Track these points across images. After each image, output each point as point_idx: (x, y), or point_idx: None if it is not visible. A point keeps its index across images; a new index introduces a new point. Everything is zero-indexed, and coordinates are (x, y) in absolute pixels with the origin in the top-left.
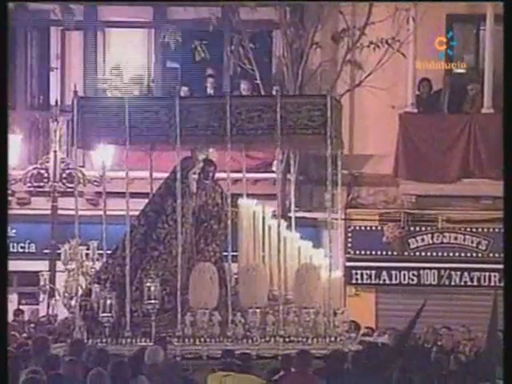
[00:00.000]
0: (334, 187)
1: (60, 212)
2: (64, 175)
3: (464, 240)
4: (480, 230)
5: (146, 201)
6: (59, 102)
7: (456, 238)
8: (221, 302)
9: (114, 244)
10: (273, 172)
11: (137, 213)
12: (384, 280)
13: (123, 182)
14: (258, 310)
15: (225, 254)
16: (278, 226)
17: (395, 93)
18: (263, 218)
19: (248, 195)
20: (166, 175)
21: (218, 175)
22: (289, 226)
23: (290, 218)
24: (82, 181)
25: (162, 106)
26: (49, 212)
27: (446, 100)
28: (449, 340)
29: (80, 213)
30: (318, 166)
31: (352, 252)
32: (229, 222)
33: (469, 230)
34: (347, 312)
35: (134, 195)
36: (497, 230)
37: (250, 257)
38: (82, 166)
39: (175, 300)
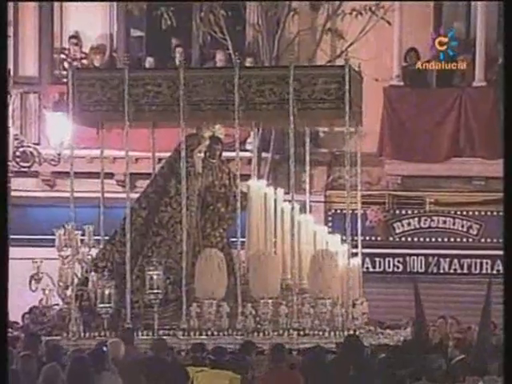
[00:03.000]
0: (353, 167)
1: (13, 194)
2: (17, 153)
3: (454, 224)
4: (471, 213)
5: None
6: (11, 73)
7: (445, 222)
8: (229, 292)
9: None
10: (246, 151)
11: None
12: (367, 268)
13: (83, 160)
14: (269, 301)
15: (233, 239)
16: (292, 208)
17: (379, 64)
18: (275, 201)
19: None
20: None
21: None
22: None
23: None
24: (37, 160)
25: (165, 78)
26: None
27: (434, 72)
28: (436, 332)
29: (35, 194)
30: (296, 144)
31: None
32: (238, 205)
33: (459, 213)
34: (366, 303)
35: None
36: (489, 213)
37: (260, 242)
38: (38, 144)
39: (180, 290)
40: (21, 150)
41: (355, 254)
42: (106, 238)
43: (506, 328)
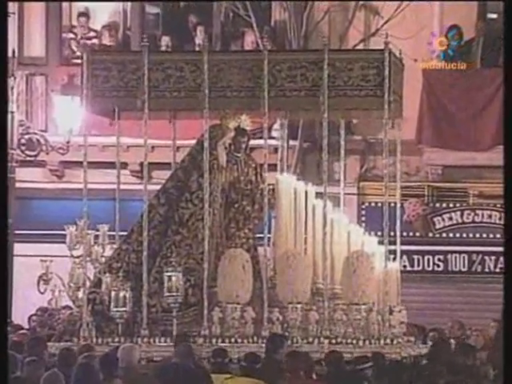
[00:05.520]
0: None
1: (18, 185)
2: (23, 141)
3: (499, 219)
4: None
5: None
6: (16, 54)
7: (490, 217)
8: (255, 296)
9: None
10: (272, 138)
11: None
12: (404, 266)
13: (94, 149)
14: (299, 306)
15: (261, 235)
16: (324, 206)
17: (418, 43)
18: (306, 197)
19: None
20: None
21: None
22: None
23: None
24: (44, 148)
25: (187, 61)
26: None
27: (479, 51)
28: (480, 337)
29: (41, 186)
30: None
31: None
32: (265, 201)
33: None
34: (405, 311)
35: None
36: None
37: (289, 243)
38: (45, 131)
39: (201, 293)
40: (26, 137)
41: (392, 252)
42: (121, 233)
43: (506, 328)
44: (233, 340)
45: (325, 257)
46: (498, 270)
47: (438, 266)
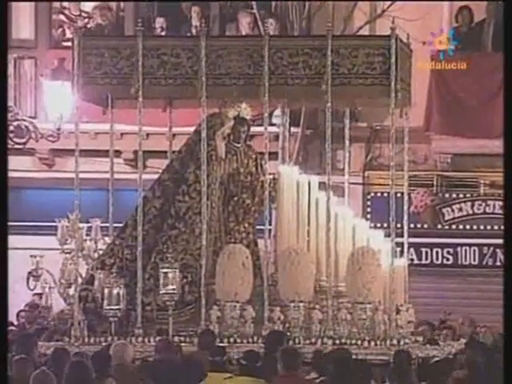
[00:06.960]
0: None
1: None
2: (11, 128)
3: None
4: None
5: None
6: None
7: (502, 207)
8: (255, 294)
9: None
10: (273, 125)
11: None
12: (412, 259)
13: (85, 136)
14: (301, 305)
15: (261, 227)
16: (328, 199)
17: (427, 25)
18: (309, 190)
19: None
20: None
21: None
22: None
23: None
24: (33, 135)
25: (184, 47)
26: None
27: (490, 33)
28: (487, 333)
29: (31, 175)
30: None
31: (372, 224)
32: (266, 194)
33: None
34: (412, 310)
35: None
36: None
37: (291, 238)
38: (34, 117)
39: (198, 290)
40: (15, 124)
41: (398, 245)
42: (114, 225)
43: (506, 327)
44: (232, 340)
45: (329, 253)
46: None
47: (448, 259)
